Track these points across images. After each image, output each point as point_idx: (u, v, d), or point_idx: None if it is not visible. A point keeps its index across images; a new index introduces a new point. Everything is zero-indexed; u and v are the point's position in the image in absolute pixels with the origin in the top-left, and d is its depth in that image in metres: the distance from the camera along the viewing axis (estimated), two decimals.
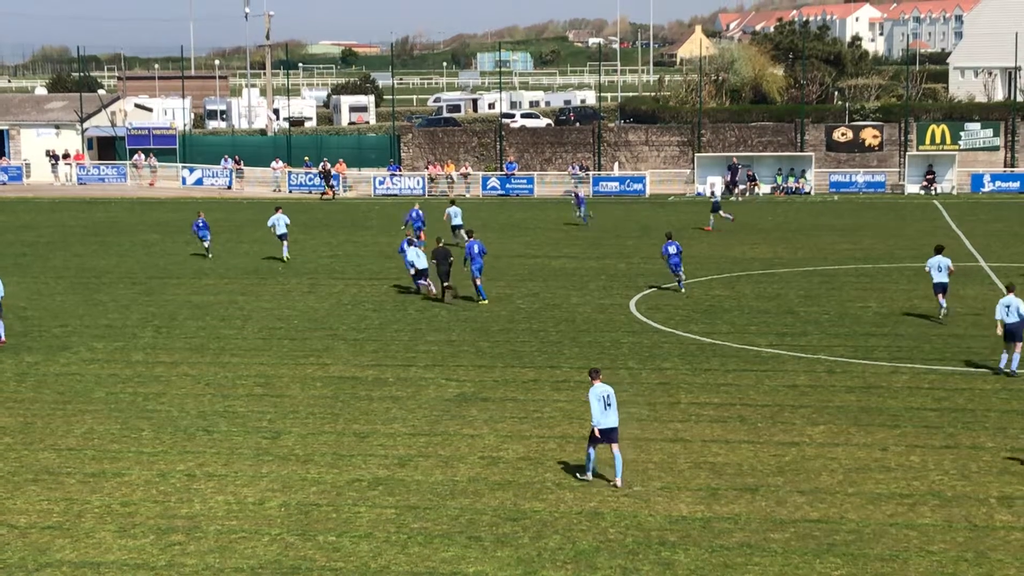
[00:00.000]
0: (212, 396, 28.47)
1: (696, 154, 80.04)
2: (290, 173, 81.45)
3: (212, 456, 23.98)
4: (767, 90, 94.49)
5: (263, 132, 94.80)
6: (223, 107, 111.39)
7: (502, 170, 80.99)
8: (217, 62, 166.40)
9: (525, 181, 79.36)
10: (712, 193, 67.93)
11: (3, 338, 34.08)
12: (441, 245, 40.26)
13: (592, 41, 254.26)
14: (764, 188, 76.71)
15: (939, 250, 35.80)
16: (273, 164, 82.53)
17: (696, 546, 19.19)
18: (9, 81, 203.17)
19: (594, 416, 21.56)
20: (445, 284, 39.51)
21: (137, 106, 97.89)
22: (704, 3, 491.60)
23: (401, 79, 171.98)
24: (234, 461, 23.67)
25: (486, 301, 39.14)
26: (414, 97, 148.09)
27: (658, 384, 29.20)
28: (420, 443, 24.70)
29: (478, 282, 39.25)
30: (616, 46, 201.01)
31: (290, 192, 79.94)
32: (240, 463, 23.54)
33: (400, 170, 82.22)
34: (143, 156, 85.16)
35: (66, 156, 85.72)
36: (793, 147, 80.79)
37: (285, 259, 48.84)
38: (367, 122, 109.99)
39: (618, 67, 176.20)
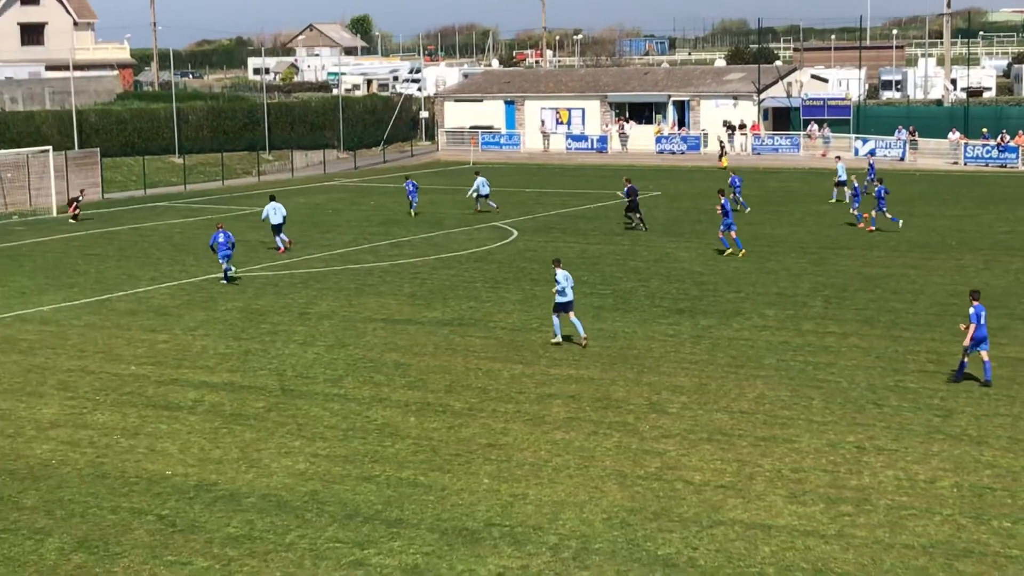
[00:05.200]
0: (882, 369, 28.14)
1: None
2: (966, 145, 78.71)
3: (882, 430, 23.71)
4: None
5: (939, 102, 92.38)
6: (898, 77, 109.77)
7: None
8: (894, 32, 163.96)
9: None
10: None
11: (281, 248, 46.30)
12: (631, 185, 50.32)
13: None
14: None
15: None
16: (949, 135, 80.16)
17: None
18: (690, 54, 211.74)
19: (562, 287, 30.29)
20: (639, 216, 50.70)
21: (813, 77, 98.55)
22: None
23: None
24: (904, 437, 23.27)
25: (743, 251, 44.31)
26: None
27: None
28: None
29: (733, 234, 44.70)
30: None
31: (965, 164, 77.24)
32: (910, 439, 23.10)
33: None
34: (817, 127, 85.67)
35: (742, 126, 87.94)
36: None
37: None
38: None
39: None
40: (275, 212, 46.62)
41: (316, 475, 21.64)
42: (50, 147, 64.10)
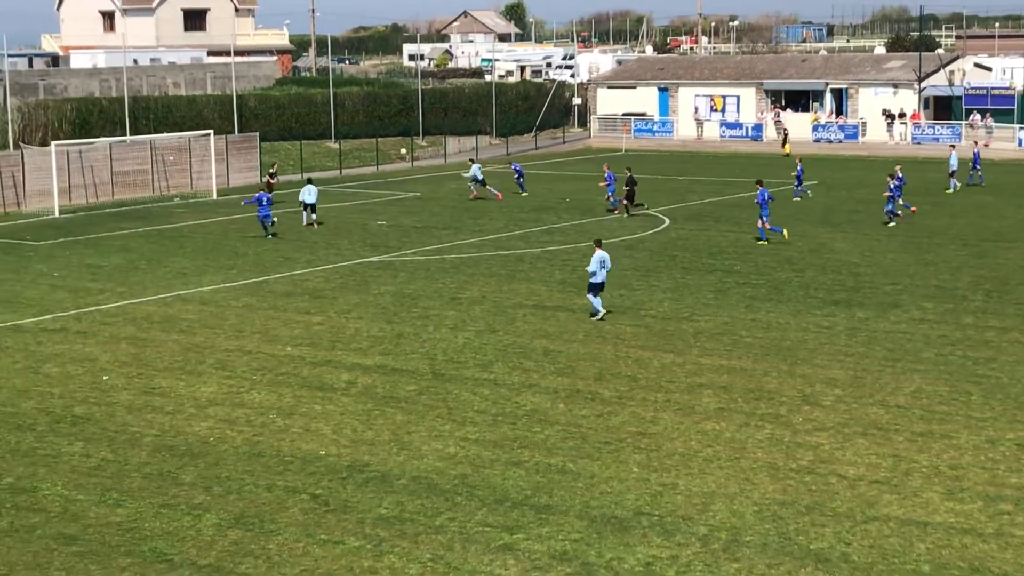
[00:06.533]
0: None
1: None
2: None
3: None
4: None
5: None
6: None
7: None
8: None
9: None
10: None
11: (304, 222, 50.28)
12: (630, 175, 52.92)
13: None
14: None
15: None
16: None
17: None
18: (848, 41, 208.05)
19: (593, 269, 31.84)
20: (628, 203, 52.28)
21: (976, 65, 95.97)
22: None
23: None
24: None
25: (785, 232, 44.58)
26: None
27: None
28: None
29: (767, 224, 44.53)
30: None
31: None
32: None
33: None
34: (979, 116, 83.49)
35: (902, 115, 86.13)
36: None
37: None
38: None
39: None
40: (308, 193, 50.77)
41: (466, 459, 21.79)
42: (211, 131, 65.54)
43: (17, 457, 22.25)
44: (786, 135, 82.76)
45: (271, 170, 60.37)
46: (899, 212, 48.91)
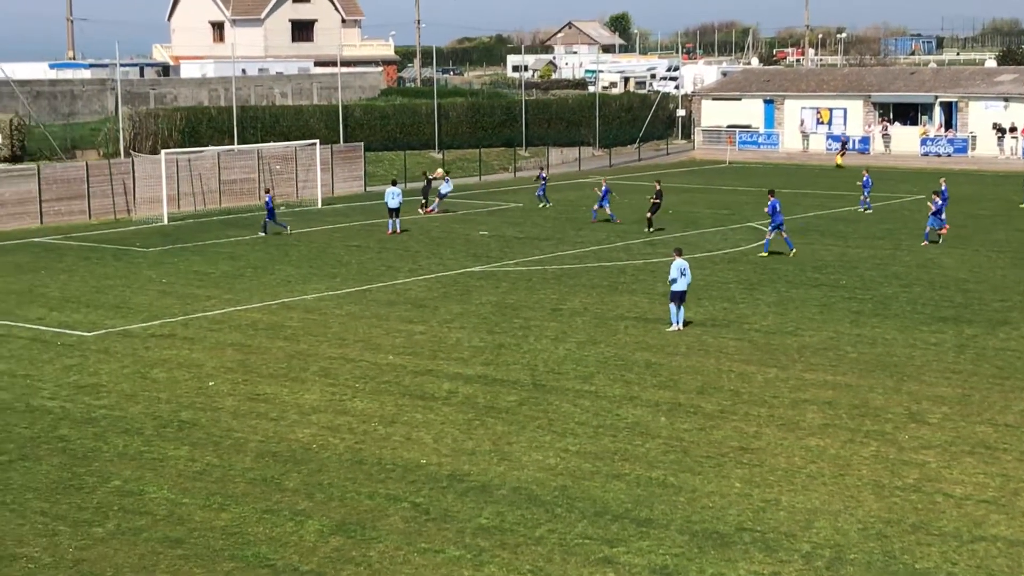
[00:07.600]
0: None
1: None
2: None
3: None
4: None
5: None
6: None
7: None
8: None
9: None
10: None
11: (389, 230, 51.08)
12: (659, 188, 52.31)
13: None
14: None
15: None
16: None
17: None
18: (958, 54, 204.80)
19: (673, 278, 31.99)
20: (651, 215, 51.84)
21: None
22: None
23: None
24: None
25: (795, 251, 44.45)
26: None
27: None
28: None
29: (784, 235, 44.70)
30: None
31: None
32: None
33: None
34: None
35: (1012, 129, 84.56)
36: None
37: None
38: None
39: None
40: (392, 197, 51.36)
41: (566, 471, 21.75)
42: (317, 140, 66.26)
43: (124, 460, 22.65)
44: (844, 146, 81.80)
45: (430, 175, 61.79)
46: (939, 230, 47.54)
